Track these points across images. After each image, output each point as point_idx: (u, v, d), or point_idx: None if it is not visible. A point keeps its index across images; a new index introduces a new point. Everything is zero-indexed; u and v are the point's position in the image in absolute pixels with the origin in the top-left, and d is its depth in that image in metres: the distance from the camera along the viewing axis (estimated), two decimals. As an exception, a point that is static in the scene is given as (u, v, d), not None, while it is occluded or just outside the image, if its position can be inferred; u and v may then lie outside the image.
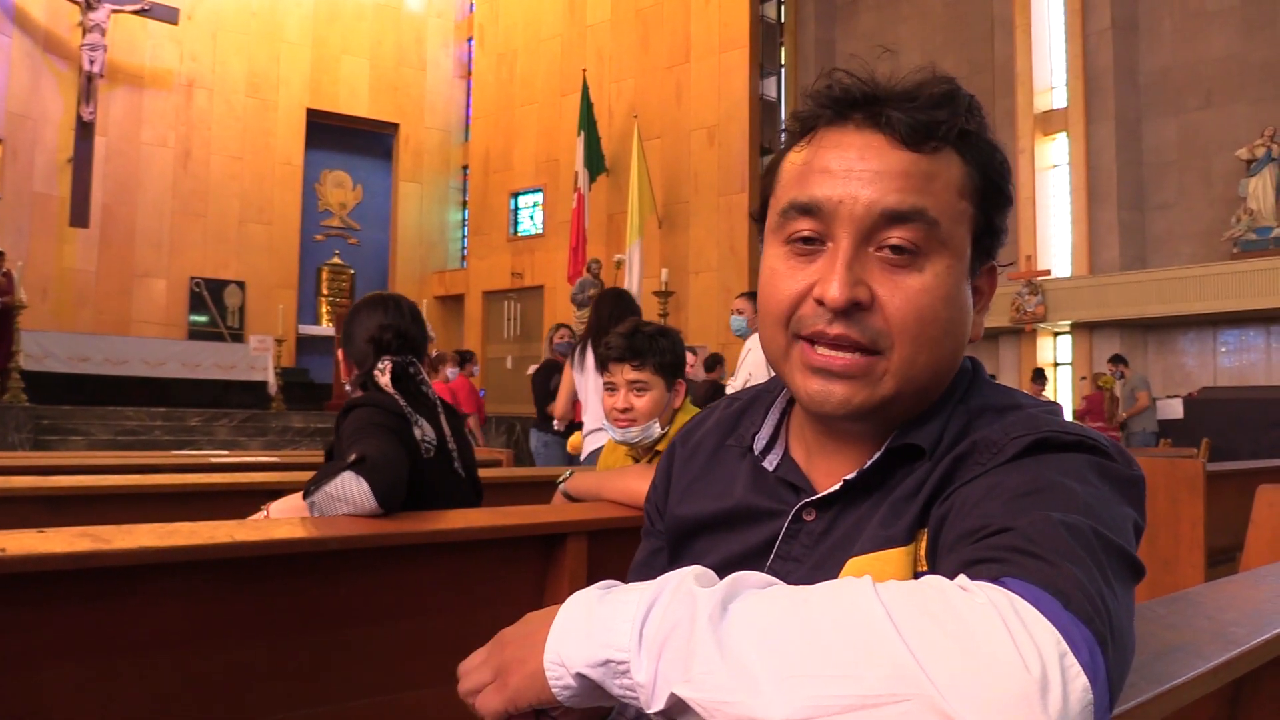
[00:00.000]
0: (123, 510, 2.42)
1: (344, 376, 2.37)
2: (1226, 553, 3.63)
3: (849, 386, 0.81)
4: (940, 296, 0.81)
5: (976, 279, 0.87)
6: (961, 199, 0.83)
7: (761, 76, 14.69)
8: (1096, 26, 13.91)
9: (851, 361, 0.81)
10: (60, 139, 15.26)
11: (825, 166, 0.83)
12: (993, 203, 0.85)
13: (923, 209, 0.80)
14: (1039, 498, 0.68)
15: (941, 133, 0.82)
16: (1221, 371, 13.16)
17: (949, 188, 0.82)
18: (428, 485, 2.06)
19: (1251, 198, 12.60)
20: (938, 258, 0.81)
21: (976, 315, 0.88)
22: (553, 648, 0.66)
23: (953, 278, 0.82)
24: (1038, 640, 0.54)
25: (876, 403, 0.82)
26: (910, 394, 0.83)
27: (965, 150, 0.83)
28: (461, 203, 20.01)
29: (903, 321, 0.80)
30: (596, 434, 4.53)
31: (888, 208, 0.80)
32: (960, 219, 0.83)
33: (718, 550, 0.93)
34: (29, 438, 9.82)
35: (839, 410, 0.82)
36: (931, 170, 0.81)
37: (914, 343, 0.80)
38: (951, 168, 0.83)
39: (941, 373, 0.84)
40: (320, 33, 18.18)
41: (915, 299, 0.80)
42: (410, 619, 1.72)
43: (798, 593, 0.61)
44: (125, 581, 1.38)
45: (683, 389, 2.48)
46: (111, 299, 15.90)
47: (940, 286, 0.81)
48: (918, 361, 0.81)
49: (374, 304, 2.35)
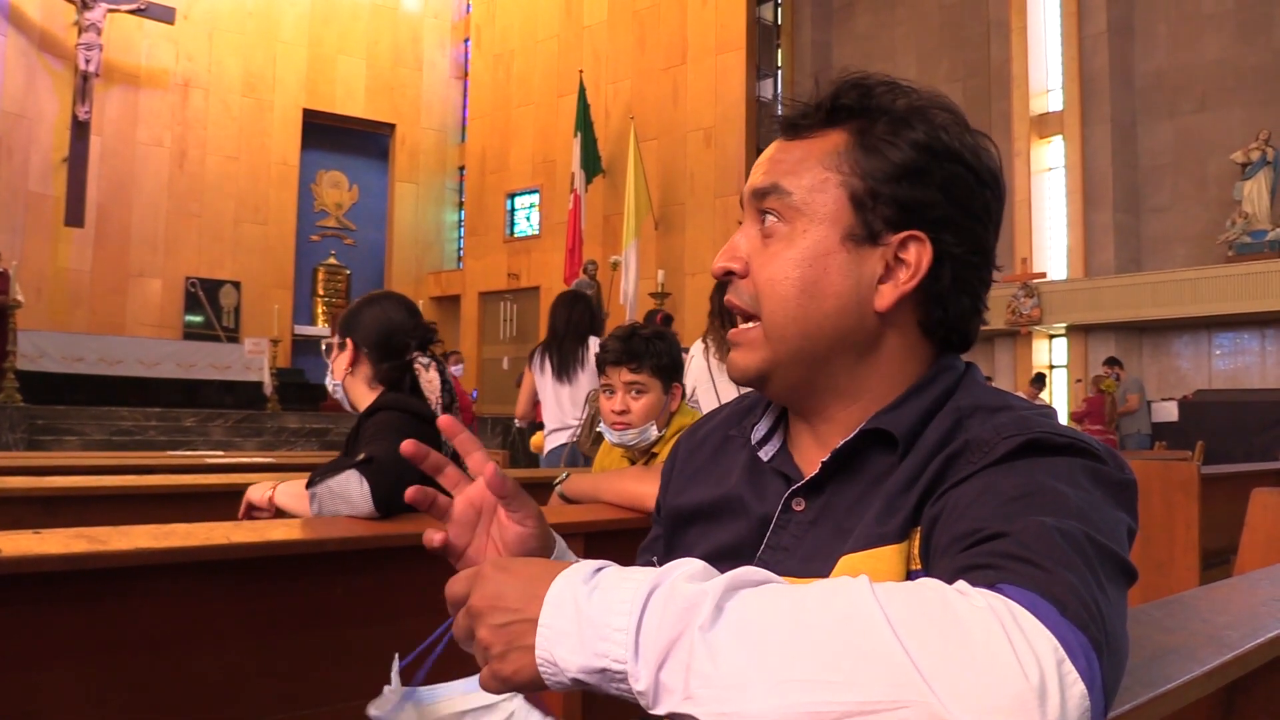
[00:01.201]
0: (118, 511, 2.41)
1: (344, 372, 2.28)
2: (1221, 555, 3.64)
3: (741, 354, 0.91)
4: (792, 258, 0.87)
5: (898, 249, 0.86)
6: (825, 169, 0.88)
7: (758, 78, 14.72)
8: (1092, 30, 13.94)
9: (740, 331, 0.91)
10: (55, 138, 15.22)
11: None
12: (881, 170, 0.86)
13: (776, 183, 0.89)
14: (1032, 502, 0.69)
15: (819, 117, 0.90)
16: (1216, 374, 13.19)
17: (809, 159, 0.89)
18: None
19: (1246, 201, 12.63)
20: (794, 223, 0.88)
21: (892, 286, 0.86)
22: (544, 647, 0.65)
23: (808, 240, 0.87)
24: (1036, 648, 0.54)
25: (763, 365, 0.89)
26: (791, 356, 0.88)
27: (850, 125, 0.89)
28: (458, 203, 20.00)
29: (763, 282, 0.89)
30: (556, 433, 4.66)
31: (754, 186, 0.91)
32: (820, 186, 0.88)
33: (710, 539, 0.95)
34: (23, 438, 9.79)
35: (741, 378, 0.91)
36: (802, 151, 0.90)
37: (771, 300, 0.88)
38: (825, 142, 0.89)
39: (820, 334, 0.87)
40: (316, 33, 18.16)
41: (770, 261, 0.88)
42: (407, 620, 1.72)
43: (795, 594, 0.61)
44: (121, 583, 1.38)
45: (679, 392, 2.48)
46: (106, 299, 15.86)
47: (793, 248, 0.87)
48: (777, 321, 0.88)
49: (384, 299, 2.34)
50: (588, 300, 4.89)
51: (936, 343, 0.91)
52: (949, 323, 0.89)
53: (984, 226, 0.89)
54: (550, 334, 4.73)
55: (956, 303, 0.89)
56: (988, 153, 0.90)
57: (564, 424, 4.62)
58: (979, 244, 0.88)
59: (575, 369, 4.64)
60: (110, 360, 12.79)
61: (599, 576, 0.66)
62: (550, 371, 4.66)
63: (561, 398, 4.65)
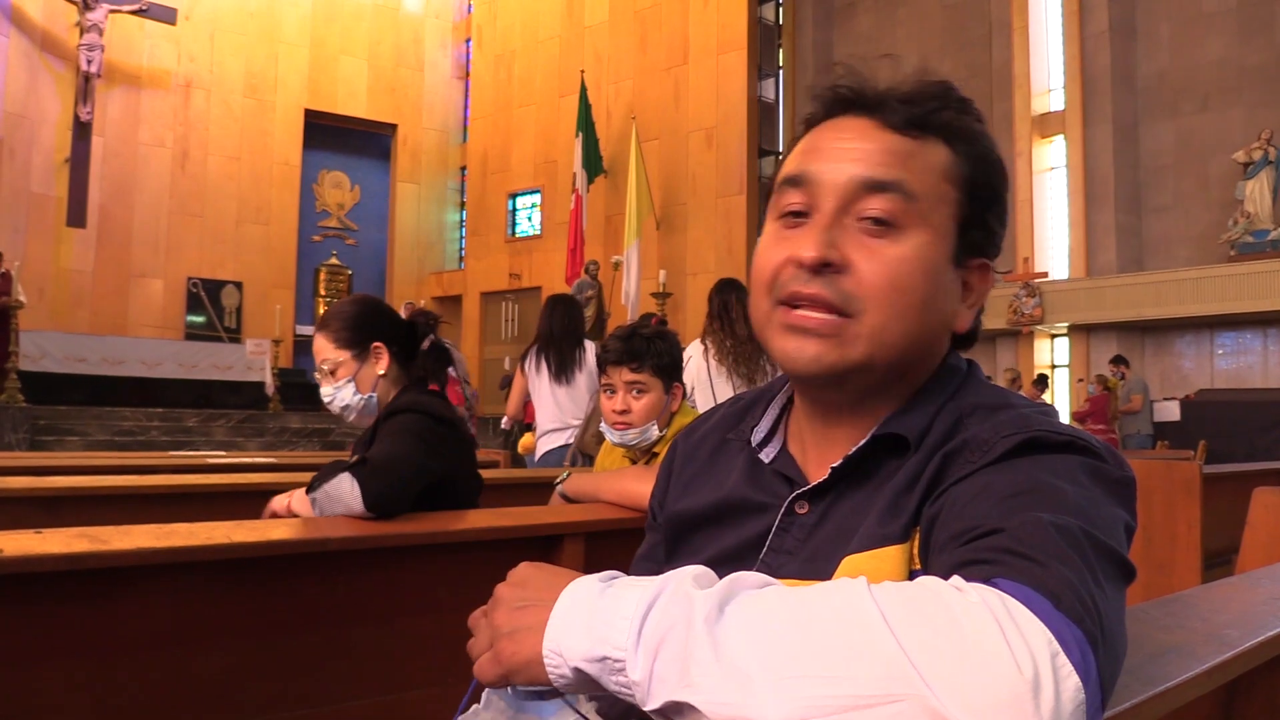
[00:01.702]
0: (120, 511, 2.42)
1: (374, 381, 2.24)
2: (1223, 555, 3.63)
3: (820, 345, 0.84)
4: (916, 267, 0.83)
5: (966, 272, 0.89)
6: (945, 182, 0.86)
7: (760, 78, 14.72)
8: (1094, 30, 13.93)
9: (822, 321, 0.84)
10: (57, 139, 15.25)
11: (816, 146, 0.89)
12: (983, 198, 0.88)
13: (901, 181, 0.84)
14: (1030, 498, 0.69)
15: (929, 121, 0.87)
16: (1218, 374, 13.17)
17: (931, 169, 0.86)
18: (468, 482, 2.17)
19: (1248, 200, 12.62)
20: (916, 231, 0.84)
21: (964, 308, 0.90)
22: (552, 637, 0.67)
23: (931, 253, 0.85)
24: (1030, 640, 0.55)
25: (849, 365, 0.84)
26: (884, 364, 0.85)
27: (954, 141, 0.88)
28: (459, 204, 20.01)
29: (875, 285, 0.83)
30: (553, 434, 4.68)
31: (867, 177, 0.84)
32: (942, 200, 0.86)
33: (712, 543, 0.94)
34: (25, 438, 9.80)
35: (811, 367, 0.85)
36: (915, 150, 0.86)
37: (886, 308, 0.83)
38: (937, 152, 0.87)
39: (918, 348, 0.86)
40: (318, 33, 18.18)
41: (889, 265, 0.83)
42: (408, 619, 1.72)
43: (793, 593, 0.62)
44: (123, 582, 1.38)
45: (680, 392, 2.48)
46: (108, 299, 15.88)
47: (917, 258, 0.84)
48: (890, 328, 0.83)
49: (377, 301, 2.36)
50: (579, 304, 5.00)
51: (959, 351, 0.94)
52: (975, 337, 0.94)
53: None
54: (545, 336, 4.74)
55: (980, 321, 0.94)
56: None
57: (564, 424, 4.66)
58: None
59: (574, 370, 4.69)
60: (112, 361, 12.80)
61: (615, 580, 0.69)
62: (548, 373, 4.68)
63: (560, 399, 4.69)
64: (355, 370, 2.22)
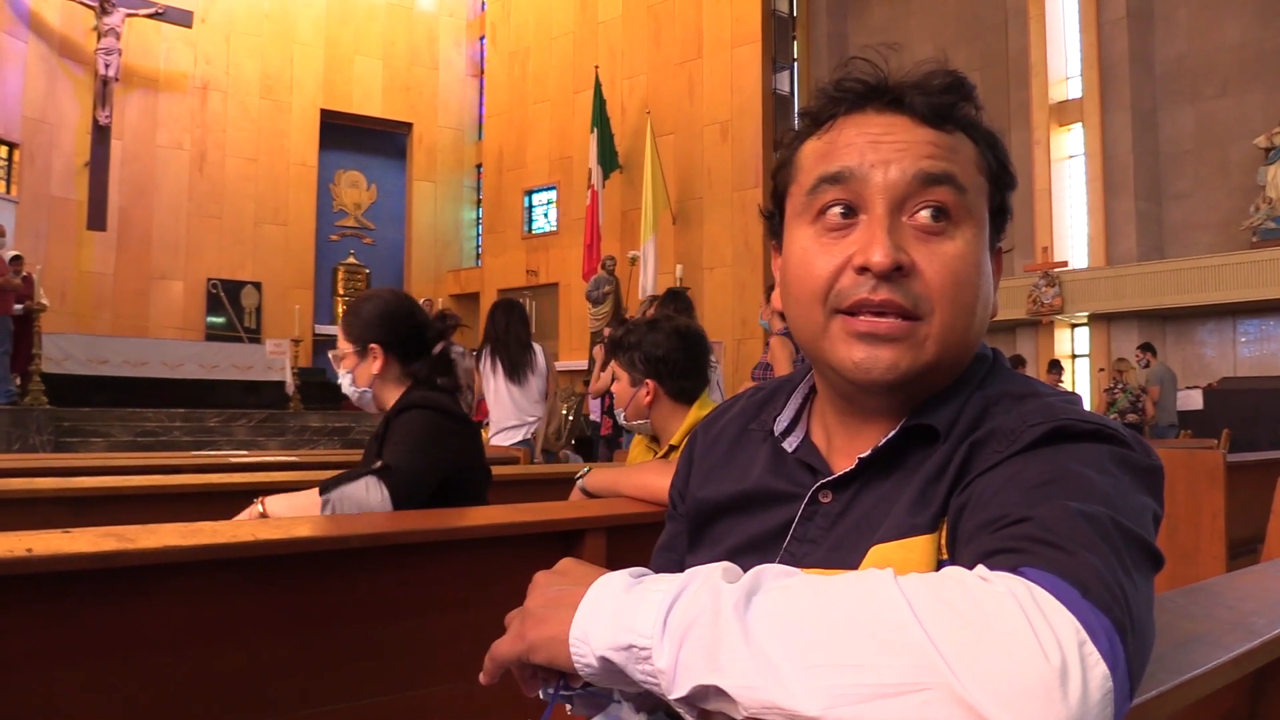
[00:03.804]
0: (144, 510, 2.44)
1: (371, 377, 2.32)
2: (1248, 544, 3.61)
3: (895, 350, 0.82)
4: (973, 263, 0.84)
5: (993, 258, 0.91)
6: (980, 173, 0.87)
7: (774, 71, 14.66)
8: (1111, 16, 13.83)
9: (896, 325, 0.82)
10: (77, 143, 15.37)
11: (850, 142, 0.86)
12: (1004, 183, 0.90)
13: (953, 174, 0.84)
14: (1057, 487, 0.68)
15: (953, 113, 0.87)
16: (1241, 362, 13.07)
17: (970, 160, 0.87)
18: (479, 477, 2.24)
19: (1270, 186, 12.51)
20: (967, 226, 0.84)
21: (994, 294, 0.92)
22: (579, 625, 0.68)
23: (978, 246, 0.85)
24: (1057, 629, 0.55)
25: (921, 367, 0.83)
26: (949, 361, 0.85)
27: (973, 131, 0.88)
28: (475, 201, 20.06)
29: (942, 286, 0.82)
30: (510, 430, 5.18)
31: (923, 170, 0.83)
32: (980, 192, 0.87)
33: (736, 533, 0.95)
34: (50, 440, 9.88)
35: (887, 375, 0.83)
36: (954, 143, 0.86)
37: (953, 307, 0.82)
38: (966, 143, 0.87)
39: (973, 342, 0.87)
40: (333, 33, 18.25)
41: (952, 264, 0.82)
42: (431, 616, 1.73)
43: (820, 583, 0.62)
44: (149, 580, 1.39)
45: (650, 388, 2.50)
46: (129, 301, 16.01)
47: (972, 253, 0.84)
48: (957, 327, 0.83)
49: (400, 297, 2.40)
50: (522, 307, 5.42)
51: None
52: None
53: None
54: (494, 338, 5.20)
55: None
56: None
57: (520, 420, 5.20)
58: None
59: (526, 372, 5.20)
60: (134, 362, 12.90)
61: (644, 576, 0.70)
62: (502, 373, 5.16)
63: (515, 397, 5.19)
64: (355, 365, 2.32)
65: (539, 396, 5.26)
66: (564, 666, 0.69)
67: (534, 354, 5.27)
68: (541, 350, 5.38)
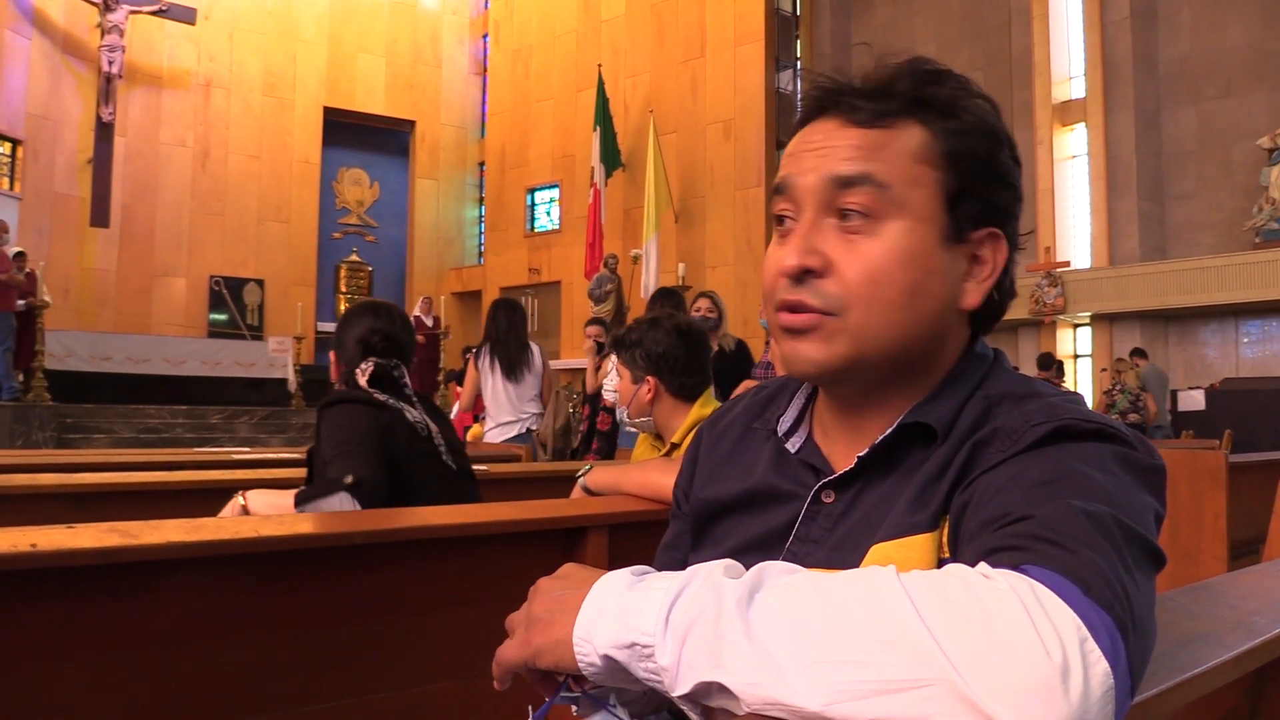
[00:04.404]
0: (147, 507, 2.44)
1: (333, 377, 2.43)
2: (1250, 545, 3.60)
3: (809, 344, 0.86)
4: (895, 259, 0.83)
5: (976, 247, 0.88)
6: (919, 164, 0.85)
7: (777, 70, 14.65)
8: (1115, 16, 13.81)
9: (806, 319, 0.85)
10: (80, 140, 15.37)
11: (790, 152, 0.91)
12: (971, 167, 0.87)
13: (869, 173, 0.84)
14: (1059, 486, 0.69)
15: (893, 106, 0.86)
16: (1244, 362, 13.06)
17: (902, 154, 0.85)
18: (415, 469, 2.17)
19: (1273, 186, 12.50)
20: (893, 221, 0.84)
21: (973, 284, 0.88)
22: (582, 624, 0.68)
23: (912, 240, 0.84)
24: (1058, 626, 0.55)
25: (840, 360, 0.85)
26: (879, 356, 0.85)
27: (929, 118, 0.87)
28: (478, 199, 20.05)
29: (857, 284, 0.84)
30: (507, 425, 5.40)
31: (836, 174, 0.85)
32: (919, 182, 0.85)
33: (738, 532, 0.95)
34: (53, 436, 9.89)
35: (810, 369, 0.86)
36: (882, 140, 0.86)
37: (870, 304, 0.83)
38: (908, 136, 0.86)
39: (920, 336, 0.86)
40: (336, 31, 18.24)
41: (867, 261, 0.84)
42: (432, 613, 1.73)
43: (824, 580, 0.62)
44: (152, 576, 1.39)
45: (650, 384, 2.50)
46: (132, 298, 16.02)
47: (896, 249, 0.84)
48: (874, 323, 0.84)
49: (366, 310, 2.43)
50: (520, 307, 5.66)
51: (978, 331, 0.93)
52: (996, 313, 0.91)
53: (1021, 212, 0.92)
54: (494, 337, 5.41)
55: (1007, 292, 0.91)
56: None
57: (516, 416, 5.42)
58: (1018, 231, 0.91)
59: (523, 370, 5.41)
60: (137, 359, 12.92)
61: (647, 574, 0.70)
62: (500, 370, 5.36)
63: (511, 394, 5.41)
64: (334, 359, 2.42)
65: (534, 394, 5.48)
66: (570, 669, 0.69)
67: (531, 353, 5.48)
68: (539, 349, 5.55)
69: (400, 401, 2.23)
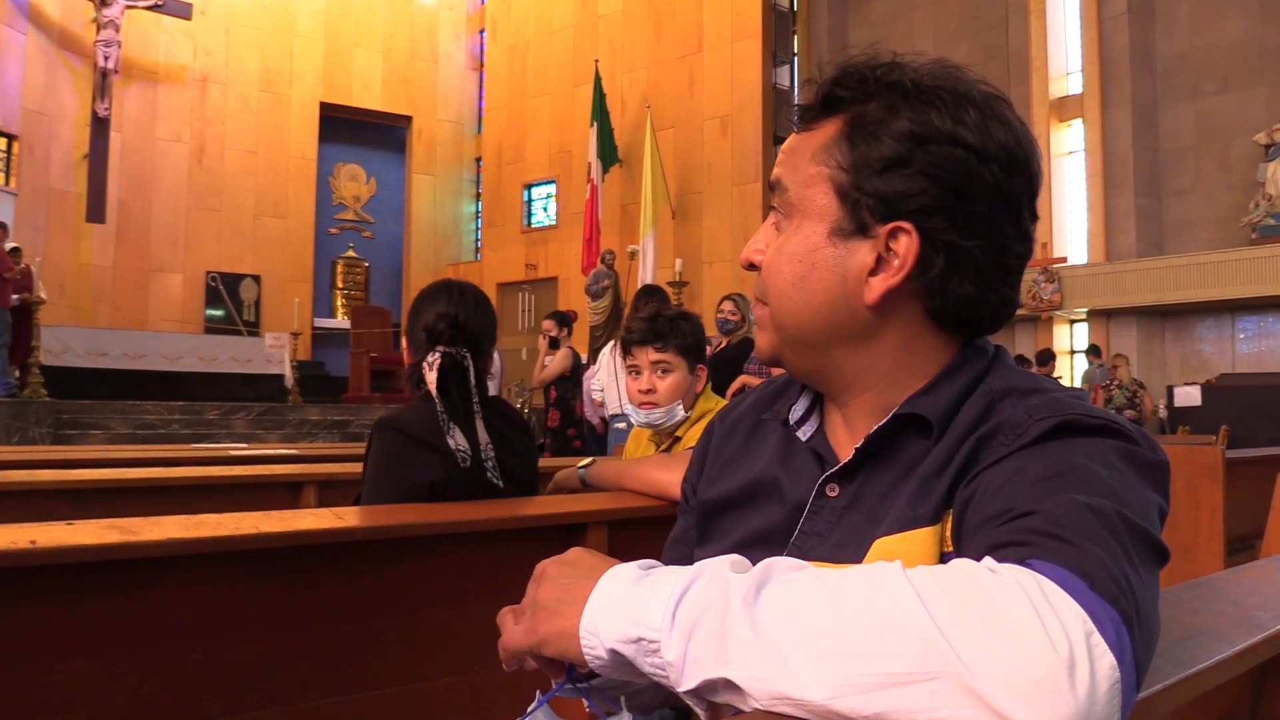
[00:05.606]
0: (145, 503, 2.44)
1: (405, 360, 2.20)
2: (1246, 540, 3.61)
3: (759, 335, 0.96)
4: (785, 254, 0.90)
5: (888, 240, 0.84)
6: (813, 163, 0.88)
7: (775, 65, 14.65)
8: (1112, 11, 13.81)
9: (758, 311, 0.95)
10: (76, 135, 15.34)
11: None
12: (863, 161, 0.85)
13: (778, 177, 0.92)
14: (1063, 481, 0.69)
15: (814, 109, 0.91)
16: (1240, 358, 13.08)
17: (804, 154, 0.90)
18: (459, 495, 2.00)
19: (1270, 183, 12.51)
20: (794, 220, 0.90)
21: (881, 278, 0.84)
22: (589, 618, 0.68)
23: (801, 238, 0.89)
24: (1064, 620, 0.55)
25: (775, 346, 0.93)
26: (791, 344, 0.92)
27: (844, 114, 0.88)
28: (475, 195, 20.03)
29: (765, 275, 0.92)
30: None
31: (770, 181, 0.95)
32: (811, 182, 0.88)
33: (743, 526, 0.95)
34: (49, 432, 9.88)
35: (760, 355, 0.97)
36: (800, 144, 0.91)
37: (775, 296, 0.91)
38: (818, 136, 0.90)
39: (816, 326, 0.89)
40: (333, 26, 18.21)
41: (774, 257, 0.91)
42: (433, 609, 1.73)
43: (830, 574, 0.63)
44: (152, 573, 1.39)
45: (704, 374, 2.50)
46: (129, 294, 15.99)
47: (787, 245, 0.90)
48: (780, 313, 0.91)
49: (438, 291, 2.19)
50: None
51: (954, 329, 0.89)
52: (952, 310, 0.86)
53: (990, 206, 0.83)
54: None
55: (957, 290, 0.84)
56: (1003, 126, 0.85)
57: None
58: (982, 226, 0.83)
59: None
60: (133, 355, 12.91)
61: (654, 568, 0.71)
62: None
63: None
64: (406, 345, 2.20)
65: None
66: (575, 659, 0.69)
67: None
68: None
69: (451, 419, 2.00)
